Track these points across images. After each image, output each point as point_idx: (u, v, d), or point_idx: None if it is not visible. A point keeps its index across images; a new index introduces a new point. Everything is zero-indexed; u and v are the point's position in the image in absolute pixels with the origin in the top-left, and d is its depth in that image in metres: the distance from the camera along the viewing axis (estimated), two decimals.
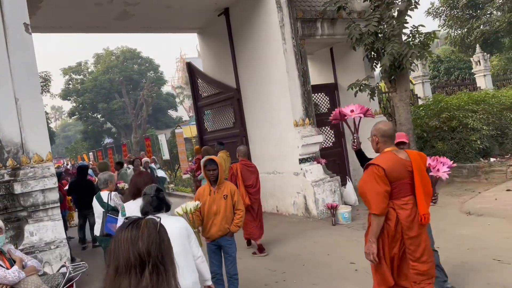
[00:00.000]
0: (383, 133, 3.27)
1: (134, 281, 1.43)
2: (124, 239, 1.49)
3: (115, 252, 1.49)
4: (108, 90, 39.38)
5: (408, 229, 3.10)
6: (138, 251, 1.46)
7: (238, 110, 9.44)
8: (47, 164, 5.70)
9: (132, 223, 1.54)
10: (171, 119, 43.28)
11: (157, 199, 3.01)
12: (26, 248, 5.24)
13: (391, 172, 3.08)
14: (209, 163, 4.38)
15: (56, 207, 5.67)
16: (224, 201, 4.35)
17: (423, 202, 3.12)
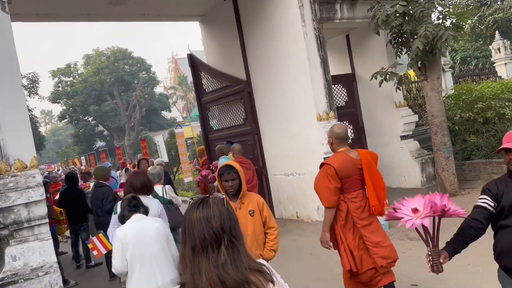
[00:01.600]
0: (336, 136, 3.69)
1: (212, 258, 1.48)
2: (197, 219, 1.54)
3: (189, 232, 1.54)
4: (99, 92, 38.15)
5: (359, 219, 3.55)
6: (212, 229, 1.51)
7: (249, 105, 8.45)
8: (32, 172, 4.65)
9: (200, 203, 1.58)
10: (165, 121, 42.17)
11: (134, 199, 3.25)
12: (7, 277, 4.20)
13: (341, 170, 3.52)
14: (227, 170, 3.23)
15: (44, 223, 4.62)
16: (251, 218, 3.26)
17: (373, 195, 3.56)
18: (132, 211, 3.21)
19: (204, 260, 1.49)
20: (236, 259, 1.51)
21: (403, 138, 8.83)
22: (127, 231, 3.09)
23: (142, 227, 3.11)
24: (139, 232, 3.06)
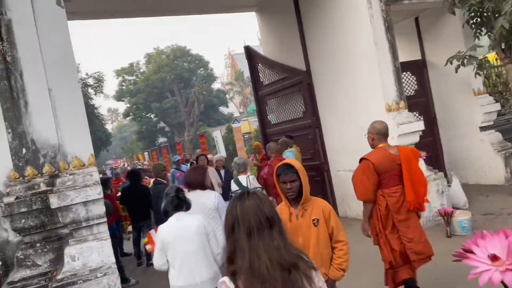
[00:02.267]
0: (378, 131, 3.82)
1: (268, 242, 1.59)
2: (250, 206, 1.67)
3: (243, 218, 1.64)
4: (160, 90, 39.31)
5: (396, 213, 3.62)
6: (265, 214, 1.65)
7: (309, 97, 7.97)
8: (90, 170, 4.57)
9: (246, 194, 1.73)
10: (222, 116, 42.62)
11: (177, 198, 3.26)
12: (66, 277, 4.13)
13: (380, 165, 3.62)
14: (284, 170, 2.78)
15: (103, 223, 4.53)
16: (315, 229, 2.76)
17: (410, 190, 3.62)
18: (175, 209, 3.26)
19: (261, 243, 1.58)
20: (286, 243, 1.63)
21: (483, 129, 7.92)
22: (168, 230, 3.18)
23: (182, 226, 3.16)
24: (179, 231, 3.14)
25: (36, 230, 4.52)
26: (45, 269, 4.43)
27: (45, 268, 4.45)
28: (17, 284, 4.22)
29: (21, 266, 4.39)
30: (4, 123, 4.58)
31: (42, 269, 4.44)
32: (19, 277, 4.29)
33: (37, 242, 4.55)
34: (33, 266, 4.43)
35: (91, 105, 25.05)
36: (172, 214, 3.26)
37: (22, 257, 4.41)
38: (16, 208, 4.36)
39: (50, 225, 4.56)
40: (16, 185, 4.55)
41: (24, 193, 4.48)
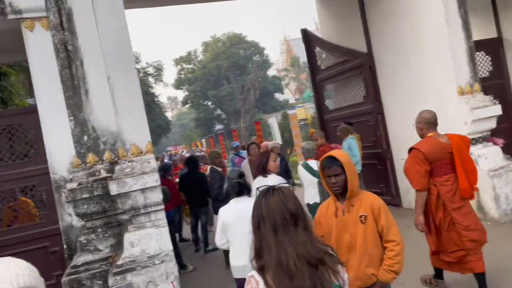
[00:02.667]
0: (426, 120, 3.85)
1: (294, 237, 1.61)
2: (275, 202, 1.68)
3: (269, 215, 1.66)
4: (217, 77, 39.81)
5: (450, 202, 3.66)
6: (290, 211, 1.66)
7: (371, 81, 7.52)
8: (147, 157, 4.58)
9: (271, 190, 1.74)
10: (278, 103, 42.39)
11: (238, 184, 3.38)
12: (126, 263, 4.18)
13: (430, 154, 3.67)
14: (328, 163, 2.58)
15: (160, 210, 4.54)
16: (362, 226, 2.53)
17: (463, 179, 3.64)
18: (237, 194, 3.42)
19: (287, 239, 1.60)
20: (312, 239, 1.65)
21: None
22: (227, 213, 3.37)
23: (240, 209, 3.27)
24: (238, 214, 3.26)
25: (97, 216, 4.63)
26: (106, 254, 4.53)
27: (106, 253, 4.55)
28: (80, 268, 4.35)
29: (84, 251, 4.52)
30: (67, 110, 4.71)
31: (103, 254, 4.54)
32: (82, 261, 4.42)
33: (98, 228, 4.66)
34: (95, 250, 4.54)
35: (152, 93, 25.88)
36: (233, 197, 3.43)
37: (85, 242, 4.54)
38: (79, 194, 4.47)
39: (111, 211, 4.65)
40: (79, 171, 4.67)
41: (86, 179, 4.59)
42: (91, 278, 4.31)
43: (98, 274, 4.33)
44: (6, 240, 5.38)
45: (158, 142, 44.07)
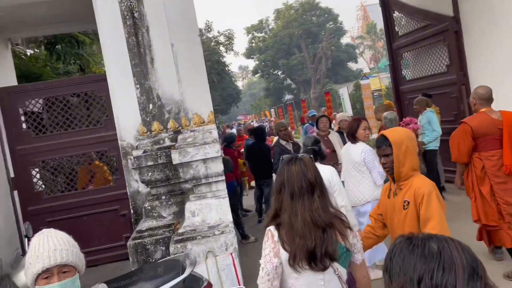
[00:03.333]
0: (480, 96, 3.89)
1: (307, 203, 1.89)
2: (295, 171, 1.93)
3: (288, 182, 1.93)
4: (288, 46, 39.14)
5: (494, 176, 3.77)
6: (308, 179, 1.92)
7: (456, 48, 6.75)
8: (209, 127, 4.51)
9: (294, 159, 1.98)
10: (351, 72, 40.82)
11: (313, 151, 3.50)
12: (187, 232, 4.21)
13: (478, 129, 3.77)
14: (379, 142, 2.48)
15: (221, 181, 4.47)
16: (403, 212, 2.35)
17: (508, 155, 3.71)
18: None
19: (300, 204, 1.88)
20: (325, 206, 1.91)
21: None
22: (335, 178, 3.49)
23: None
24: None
25: (161, 183, 4.70)
26: (169, 221, 4.61)
27: (169, 220, 4.63)
28: (144, 233, 4.47)
29: (148, 217, 4.63)
30: (133, 78, 4.75)
31: (166, 220, 4.62)
32: (146, 227, 4.54)
33: (162, 195, 4.73)
34: (159, 217, 4.64)
35: (223, 62, 26.07)
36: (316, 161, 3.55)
37: (149, 208, 4.64)
38: (144, 161, 4.54)
39: (174, 179, 4.69)
40: (144, 139, 4.74)
41: (150, 147, 4.65)
42: (155, 244, 4.41)
43: (161, 240, 4.42)
44: (81, 201, 5.74)
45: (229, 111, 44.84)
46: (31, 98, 5.64)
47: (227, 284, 3.94)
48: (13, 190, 5.58)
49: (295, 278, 1.92)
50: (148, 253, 4.42)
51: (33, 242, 1.64)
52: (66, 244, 1.64)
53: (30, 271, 1.58)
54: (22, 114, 5.67)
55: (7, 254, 5.18)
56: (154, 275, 3.04)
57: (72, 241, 1.69)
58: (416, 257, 0.86)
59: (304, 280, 1.90)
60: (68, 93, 5.68)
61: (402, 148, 2.32)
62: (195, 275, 3.23)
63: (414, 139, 2.45)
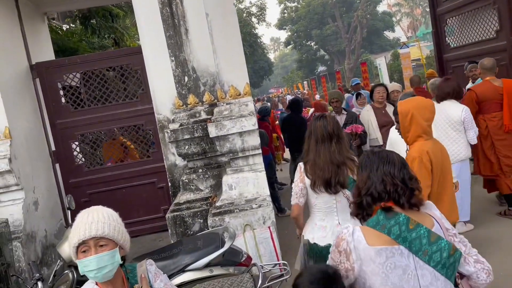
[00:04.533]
0: (484, 67, 4.74)
1: (327, 147, 2.60)
2: (319, 125, 2.67)
3: (314, 132, 2.70)
4: (321, 15, 37.97)
5: (495, 134, 4.52)
6: (328, 131, 2.63)
7: (507, 11, 6.25)
8: (245, 100, 4.41)
9: (321, 117, 2.75)
10: (387, 42, 39.29)
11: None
12: (224, 205, 4.20)
13: (482, 95, 4.55)
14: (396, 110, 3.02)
15: (258, 154, 4.41)
16: None
17: (507, 116, 4.42)
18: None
19: (322, 148, 2.60)
20: (340, 150, 2.60)
21: None
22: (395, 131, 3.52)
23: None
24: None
25: (198, 157, 4.68)
26: (206, 194, 4.61)
27: (206, 193, 4.63)
28: (182, 206, 4.49)
29: (186, 190, 4.64)
30: (168, 50, 4.68)
31: (204, 193, 4.62)
32: (184, 200, 4.56)
33: (199, 168, 4.73)
34: (196, 190, 4.64)
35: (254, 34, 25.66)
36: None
37: (187, 181, 4.65)
38: (180, 135, 4.52)
39: (211, 152, 4.66)
40: (180, 112, 4.70)
41: (186, 120, 4.62)
42: (192, 217, 4.44)
43: (198, 213, 4.44)
44: (120, 174, 5.84)
45: (261, 84, 44.47)
46: (69, 72, 5.71)
47: (265, 258, 3.93)
48: (55, 163, 5.75)
49: (315, 197, 2.70)
50: (187, 226, 4.46)
51: (77, 217, 1.62)
52: (106, 218, 1.61)
53: (70, 243, 1.57)
54: (61, 89, 5.76)
55: (51, 226, 5.38)
56: (194, 248, 3.03)
57: (114, 216, 1.66)
58: (376, 158, 1.66)
59: (322, 199, 2.67)
60: (104, 66, 5.70)
61: (408, 117, 2.68)
62: (234, 248, 3.22)
63: (425, 109, 2.65)
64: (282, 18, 41.18)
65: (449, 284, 1.47)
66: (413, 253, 1.44)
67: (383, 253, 1.44)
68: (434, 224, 1.53)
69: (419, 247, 1.43)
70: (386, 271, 1.42)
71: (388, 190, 1.52)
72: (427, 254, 1.42)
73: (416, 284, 1.43)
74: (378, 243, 1.45)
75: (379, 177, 1.56)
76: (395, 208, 1.51)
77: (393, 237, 1.45)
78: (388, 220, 1.48)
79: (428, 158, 2.59)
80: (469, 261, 1.53)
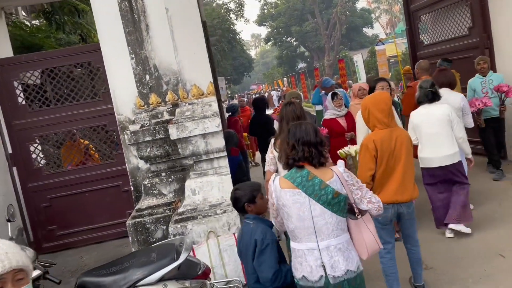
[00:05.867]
0: (421, 67, 5.33)
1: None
2: (290, 109, 3.32)
3: (286, 115, 3.29)
4: (301, 12, 37.90)
5: None
6: (297, 114, 3.26)
7: (479, 8, 6.18)
8: (208, 99, 4.19)
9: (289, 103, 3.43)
10: (366, 38, 39.48)
11: (431, 93, 3.98)
12: (187, 211, 3.98)
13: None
14: None
15: (223, 157, 4.20)
16: None
17: None
18: (429, 101, 3.98)
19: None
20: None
21: None
22: (416, 116, 4.04)
23: (427, 113, 3.97)
24: (424, 117, 3.98)
25: (161, 160, 4.45)
26: (170, 199, 4.39)
27: (170, 198, 4.40)
28: (144, 212, 4.26)
29: (148, 194, 4.41)
30: (127, 47, 4.42)
31: (167, 198, 4.40)
32: (146, 205, 4.32)
33: (162, 171, 4.49)
34: (159, 195, 4.41)
35: (233, 30, 25.34)
36: (424, 103, 4.00)
37: (149, 185, 4.41)
38: (141, 137, 4.28)
39: (174, 155, 4.43)
40: (141, 113, 4.46)
41: (148, 121, 4.38)
42: (155, 223, 4.21)
43: (161, 219, 4.21)
44: (82, 177, 5.55)
45: (241, 81, 44.18)
46: (26, 70, 5.39)
47: (229, 266, 3.74)
48: (12, 167, 5.43)
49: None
50: (149, 233, 4.23)
51: None
52: (14, 247, 1.39)
53: None
54: (17, 88, 5.43)
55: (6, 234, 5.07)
56: (147, 261, 2.81)
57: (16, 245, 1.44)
58: (298, 131, 2.22)
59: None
60: (63, 64, 5.40)
61: (366, 111, 3.04)
62: (191, 260, 3.01)
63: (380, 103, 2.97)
64: (262, 14, 40.95)
65: (335, 216, 2.15)
66: (308, 195, 2.13)
67: (288, 193, 2.18)
68: (333, 176, 2.18)
69: (312, 191, 2.13)
70: (290, 204, 2.17)
71: (305, 156, 2.18)
72: (317, 196, 2.12)
73: (309, 214, 2.15)
74: (287, 187, 2.20)
75: (300, 147, 2.18)
76: (306, 166, 2.20)
77: (296, 184, 2.17)
78: (296, 173, 2.20)
79: (374, 146, 2.93)
80: (364, 201, 2.22)
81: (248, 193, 2.42)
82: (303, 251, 2.17)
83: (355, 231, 2.24)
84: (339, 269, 2.11)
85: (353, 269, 2.15)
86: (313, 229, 2.13)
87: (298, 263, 2.19)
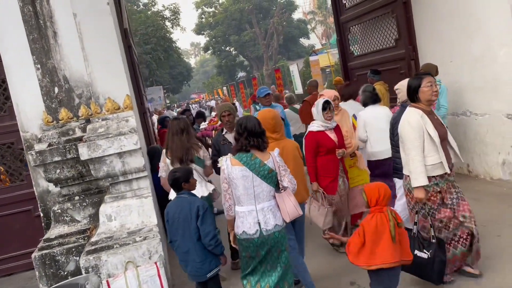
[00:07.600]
0: (311, 84, 7.33)
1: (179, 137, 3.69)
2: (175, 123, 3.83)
3: (171, 128, 3.78)
4: (239, 21, 37.99)
5: None
6: (180, 127, 3.74)
7: (405, 20, 6.34)
8: (125, 114, 3.81)
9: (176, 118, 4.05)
10: (303, 48, 40.42)
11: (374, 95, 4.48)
12: (101, 240, 3.55)
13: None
14: None
15: (143, 177, 3.83)
16: None
17: None
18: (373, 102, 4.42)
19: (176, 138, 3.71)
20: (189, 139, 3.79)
21: None
22: (367, 114, 4.40)
23: (376, 111, 4.38)
24: (375, 114, 4.35)
25: (73, 182, 3.98)
26: (84, 226, 3.93)
27: (84, 224, 3.95)
28: (54, 242, 3.77)
29: (59, 222, 3.92)
30: (32, 56, 3.93)
31: (81, 225, 3.94)
32: (56, 234, 3.83)
33: (75, 195, 4.02)
34: (71, 221, 3.94)
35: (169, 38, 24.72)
36: (369, 105, 4.43)
37: (59, 211, 3.92)
38: (49, 157, 3.80)
39: (89, 176, 3.98)
40: (50, 130, 3.97)
41: (57, 139, 3.90)
42: (66, 254, 3.73)
43: (74, 249, 3.75)
44: None
45: (180, 90, 43.29)
46: None
47: None
48: None
49: None
50: (59, 266, 3.74)
51: None
52: None
53: None
54: None
55: None
56: None
57: None
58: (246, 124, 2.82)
59: None
60: None
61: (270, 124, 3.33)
62: None
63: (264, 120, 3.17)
64: (200, 23, 40.53)
65: (269, 186, 2.78)
66: (251, 171, 2.73)
67: (237, 169, 2.74)
68: (269, 158, 2.80)
69: (254, 168, 2.73)
70: (239, 177, 2.73)
71: (252, 144, 2.77)
72: (258, 172, 2.73)
73: (251, 184, 2.74)
74: (236, 164, 2.76)
75: (248, 138, 2.77)
76: (252, 150, 2.79)
77: (242, 163, 2.74)
78: (243, 155, 2.77)
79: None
80: (285, 180, 2.82)
81: (185, 174, 3.07)
82: (244, 213, 2.78)
83: (280, 202, 2.83)
84: (270, 224, 2.75)
85: (279, 223, 2.80)
86: (253, 195, 2.75)
87: (240, 222, 2.79)
